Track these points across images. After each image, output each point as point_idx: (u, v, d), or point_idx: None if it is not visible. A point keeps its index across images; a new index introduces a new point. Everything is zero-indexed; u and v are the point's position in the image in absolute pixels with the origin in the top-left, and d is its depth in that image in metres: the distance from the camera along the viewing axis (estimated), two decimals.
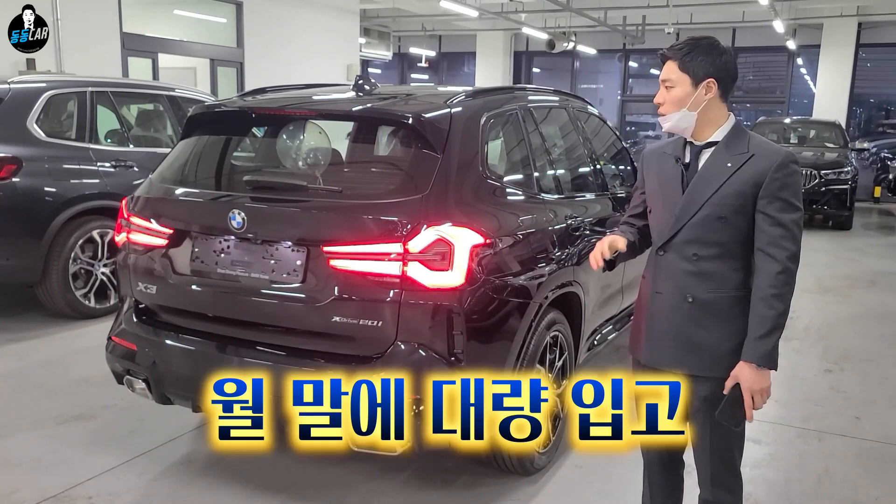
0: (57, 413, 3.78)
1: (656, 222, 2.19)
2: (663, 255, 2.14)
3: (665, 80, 2.10)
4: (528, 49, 19.11)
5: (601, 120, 4.70)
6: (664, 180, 2.18)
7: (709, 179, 2.07)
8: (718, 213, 2.04)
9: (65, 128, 5.51)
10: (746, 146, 2.07)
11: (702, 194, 2.07)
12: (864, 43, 15.35)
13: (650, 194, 2.25)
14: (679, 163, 2.16)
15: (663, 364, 2.17)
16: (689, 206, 2.08)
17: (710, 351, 2.09)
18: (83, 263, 5.35)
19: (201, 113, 3.35)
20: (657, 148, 2.32)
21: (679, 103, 2.09)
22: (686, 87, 2.08)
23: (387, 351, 2.64)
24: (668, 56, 2.10)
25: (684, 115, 2.10)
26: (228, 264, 2.86)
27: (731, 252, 2.07)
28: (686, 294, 2.09)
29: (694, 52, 2.07)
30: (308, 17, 12.48)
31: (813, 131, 13.10)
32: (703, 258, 2.07)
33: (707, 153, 2.12)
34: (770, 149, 2.07)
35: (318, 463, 3.31)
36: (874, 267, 8.34)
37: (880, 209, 14.11)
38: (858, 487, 3.26)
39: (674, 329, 2.13)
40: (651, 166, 2.27)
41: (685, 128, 2.12)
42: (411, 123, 2.86)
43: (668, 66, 2.10)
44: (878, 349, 5.30)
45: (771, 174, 2.01)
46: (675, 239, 2.11)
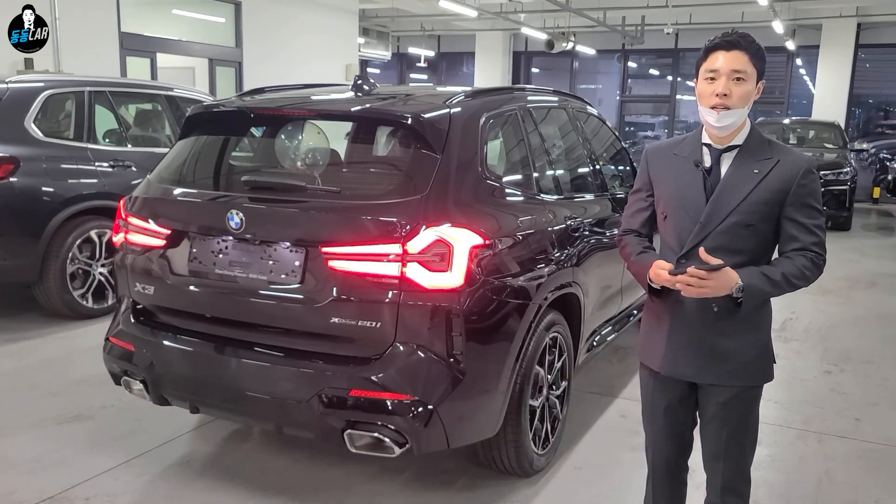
0: (55, 413, 3.77)
1: (676, 229, 2.08)
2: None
3: (739, 70, 1.95)
4: (527, 49, 19.11)
5: (600, 120, 4.69)
6: (683, 185, 2.08)
7: (736, 186, 2.00)
8: (747, 220, 1.99)
9: (63, 127, 5.49)
10: (770, 151, 2.03)
11: (729, 201, 2.00)
12: (863, 44, 15.35)
13: (666, 200, 2.12)
14: (699, 167, 2.07)
15: (685, 375, 2.13)
16: (715, 213, 2.01)
17: (734, 360, 2.06)
18: (81, 264, 5.34)
19: (199, 113, 3.34)
20: (663, 148, 2.22)
21: (746, 99, 1.97)
22: (753, 83, 1.98)
23: (385, 352, 2.63)
24: (742, 46, 1.95)
25: (742, 114, 1.99)
26: (226, 265, 2.85)
27: (755, 259, 2.03)
28: (711, 303, 2.02)
29: (760, 49, 1.98)
30: (307, 17, 12.47)
31: (812, 132, 13.10)
32: (730, 266, 1.98)
33: (728, 158, 2.04)
34: (794, 155, 2.03)
35: (318, 464, 3.29)
36: (874, 268, 8.33)
37: (879, 210, 14.12)
38: (859, 489, 3.25)
39: (697, 339, 2.07)
40: (662, 169, 2.16)
41: (734, 127, 2.01)
42: (410, 124, 2.84)
43: (740, 57, 1.95)
44: (879, 350, 5.29)
45: (798, 180, 1.98)
46: (699, 247, 2.01)
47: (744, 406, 2.09)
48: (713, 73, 1.98)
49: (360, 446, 2.64)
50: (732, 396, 2.08)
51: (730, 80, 1.96)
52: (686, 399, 2.19)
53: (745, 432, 2.14)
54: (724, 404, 2.09)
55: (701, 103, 2.02)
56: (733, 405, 2.09)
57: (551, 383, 3.26)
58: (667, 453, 2.28)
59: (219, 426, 3.65)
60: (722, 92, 1.96)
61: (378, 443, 2.61)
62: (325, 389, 2.63)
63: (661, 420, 2.24)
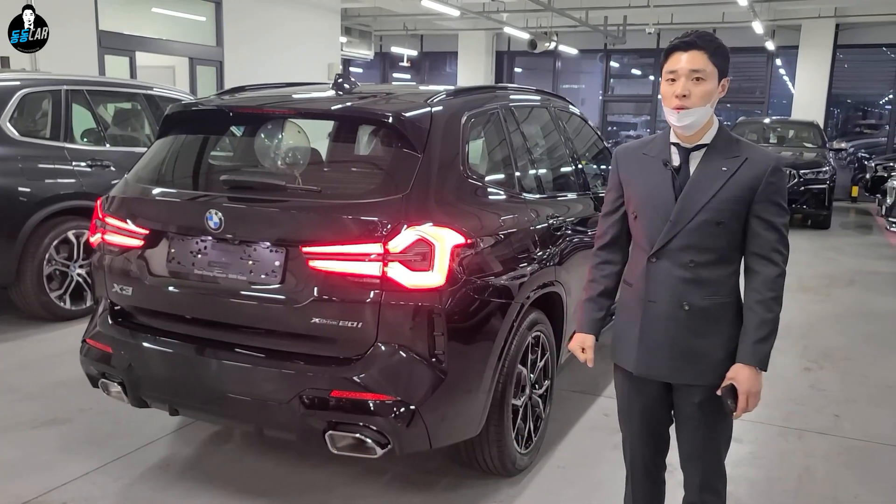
0: (31, 417, 3.71)
1: (646, 229, 2.10)
2: (656, 263, 2.05)
3: (697, 70, 1.96)
4: (510, 49, 19.12)
5: (582, 120, 4.69)
6: (652, 185, 2.09)
7: (705, 184, 2.01)
8: (717, 218, 2.00)
9: (39, 127, 5.42)
10: (738, 149, 2.04)
11: (698, 199, 2.01)
12: (841, 44, 15.50)
13: (636, 200, 2.13)
14: (668, 166, 2.08)
15: (659, 375, 2.13)
16: (684, 211, 2.02)
17: (708, 359, 2.06)
18: (58, 265, 5.27)
19: (178, 112, 3.30)
20: (633, 149, 2.23)
21: (707, 98, 1.98)
22: (714, 81, 1.99)
23: (367, 352, 2.61)
24: (700, 45, 1.97)
25: (706, 112, 2.00)
26: (206, 265, 2.81)
27: (726, 257, 2.04)
28: (682, 302, 2.04)
29: (720, 46, 1.99)
30: (288, 16, 12.40)
31: (792, 131, 13.24)
32: (700, 264, 2.02)
33: (697, 156, 2.06)
34: (761, 153, 2.05)
35: (299, 466, 3.27)
36: (853, 266, 8.42)
37: (858, 208, 14.30)
38: (838, 485, 3.28)
39: (670, 339, 2.07)
40: (631, 170, 2.17)
41: (698, 126, 2.02)
42: (391, 122, 2.83)
43: (698, 57, 1.96)
44: (858, 348, 5.35)
45: (766, 178, 1.99)
46: (669, 245, 2.03)
47: (718, 405, 2.09)
48: (673, 73, 2.00)
49: (342, 447, 2.62)
50: (707, 397, 2.09)
51: (689, 81, 1.97)
52: (661, 399, 2.19)
53: (721, 431, 2.15)
54: (699, 405, 2.10)
55: (664, 104, 2.05)
56: (708, 405, 2.09)
57: (534, 382, 3.26)
58: (644, 453, 2.29)
59: (199, 428, 3.61)
60: (681, 93, 1.97)
61: (360, 444, 2.59)
62: (307, 390, 2.60)
63: (637, 420, 2.25)
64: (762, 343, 2.00)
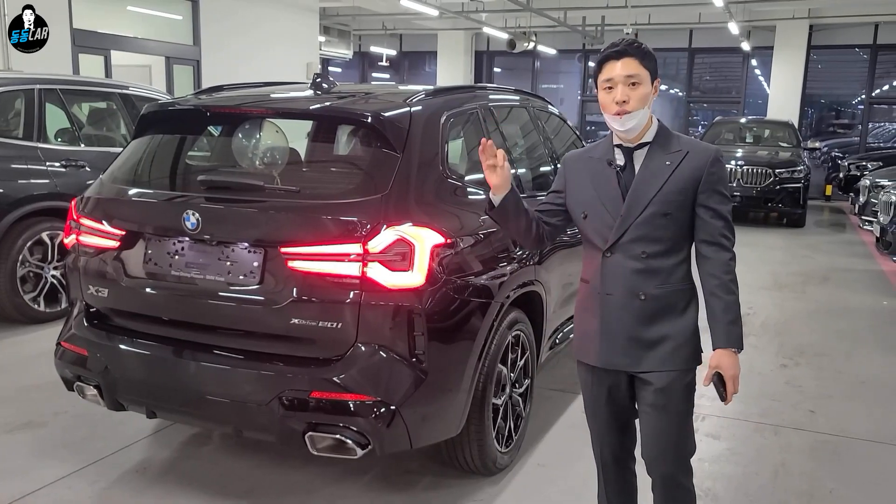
0: (5, 421, 3.65)
1: (597, 227, 2.18)
2: (610, 257, 2.15)
3: (631, 75, 2.07)
4: (489, 49, 19.16)
5: (561, 119, 4.72)
6: (599, 184, 2.18)
7: (651, 178, 2.11)
8: (664, 209, 2.09)
9: (11, 126, 5.33)
10: (679, 144, 2.14)
11: (646, 193, 2.10)
12: (815, 45, 15.72)
13: (584, 202, 2.21)
14: (613, 166, 2.17)
15: (620, 365, 2.18)
16: (634, 205, 2.11)
17: (665, 346, 2.13)
18: (32, 266, 5.19)
19: (154, 111, 3.26)
20: (579, 154, 2.33)
21: (644, 101, 2.09)
22: (648, 84, 2.10)
23: (347, 353, 2.60)
24: (630, 52, 2.08)
25: (644, 114, 2.11)
26: (183, 266, 2.79)
27: (675, 247, 2.13)
28: (638, 292, 2.12)
29: (648, 52, 2.11)
30: (266, 15, 12.31)
31: (767, 131, 13.40)
32: (651, 255, 2.11)
33: (640, 154, 2.15)
34: (700, 146, 2.16)
35: (279, 467, 3.25)
36: (827, 263, 8.55)
37: (832, 207, 14.50)
38: (814, 480, 3.32)
39: (628, 329, 2.14)
40: (580, 174, 2.25)
41: (640, 128, 2.12)
42: (370, 122, 2.82)
43: (631, 63, 2.07)
44: (832, 344, 5.43)
45: (708, 168, 2.10)
46: (621, 240, 2.12)
47: (679, 394, 2.15)
48: (609, 82, 2.10)
49: (322, 448, 2.61)
50: (667, 384, 2.13)
51: (626, 87, 2.07)
52: (625, 390, 2.24)
53: (683, 420, 2.19)
54: (661, 392, 2.13)
55: (604, 112, 2.14)
56: (669, 393, 2.13)
57: (514, 381, 3.26)
58: (612, 445, 2.33)
59: (176, 431, 3.58)
60: (621, 99, 2.07)
61: (340, 444, 2.58)
62: (286, 391, 2.59)
63: (604, 413, 2.29)
64: (733, 325, 2.09)
